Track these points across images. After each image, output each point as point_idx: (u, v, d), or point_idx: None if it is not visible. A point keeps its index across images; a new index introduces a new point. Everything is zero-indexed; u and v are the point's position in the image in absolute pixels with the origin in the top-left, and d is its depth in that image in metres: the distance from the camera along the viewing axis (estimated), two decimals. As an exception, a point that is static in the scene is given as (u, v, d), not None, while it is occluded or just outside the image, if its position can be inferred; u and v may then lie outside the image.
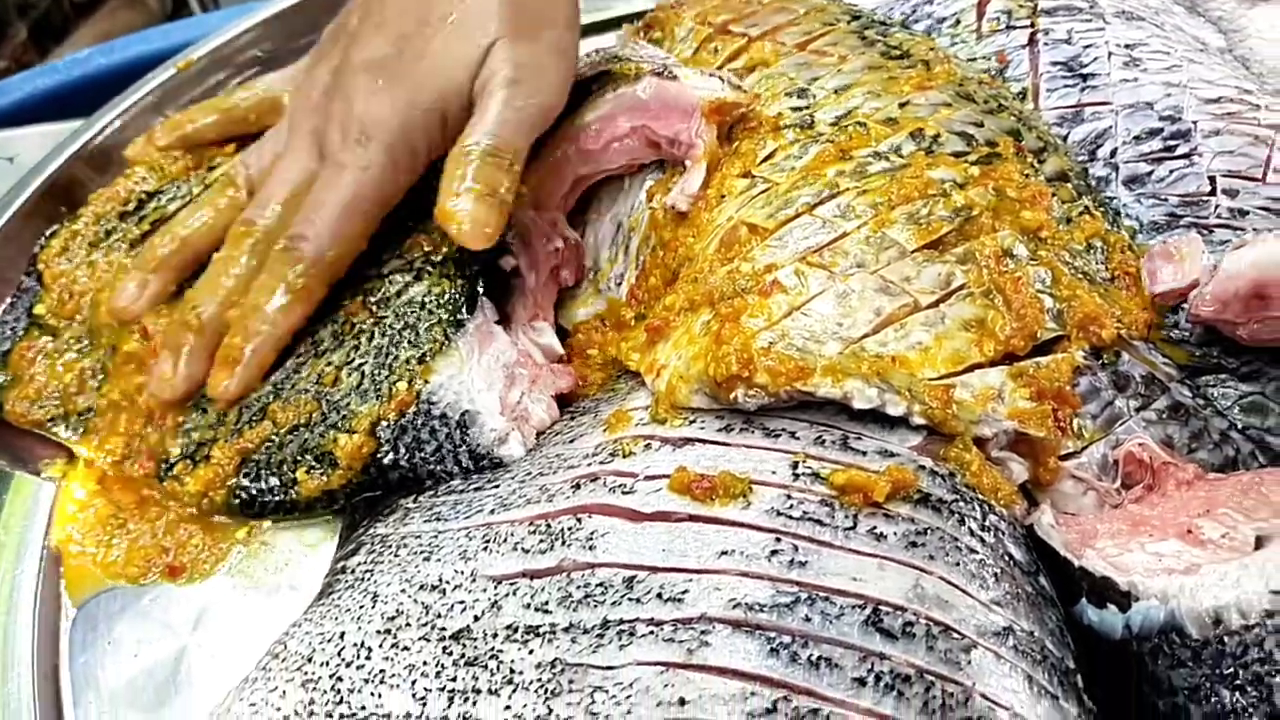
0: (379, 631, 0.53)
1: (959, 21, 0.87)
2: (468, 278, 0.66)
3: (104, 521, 0.66)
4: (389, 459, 0.61)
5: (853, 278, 0.59)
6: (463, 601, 0.53)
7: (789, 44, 0.80)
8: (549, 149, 0.72)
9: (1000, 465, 0.57)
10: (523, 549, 0.54)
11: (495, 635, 0.51)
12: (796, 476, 0.53)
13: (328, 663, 0.53)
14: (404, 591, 0.55)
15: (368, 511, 0.62)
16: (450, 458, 0.62)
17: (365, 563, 0.58)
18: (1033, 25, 0.84)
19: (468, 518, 0.58)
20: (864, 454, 0.54)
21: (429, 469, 0.62)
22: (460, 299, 0.65)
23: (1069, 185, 0.70)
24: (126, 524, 0.65)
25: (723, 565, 0.49)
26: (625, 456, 0.57)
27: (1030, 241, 0.63)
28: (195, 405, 0.66)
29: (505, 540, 0.55)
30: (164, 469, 0.64)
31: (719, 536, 0.51)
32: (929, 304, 0.59)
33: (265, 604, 0.62)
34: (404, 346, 0.64)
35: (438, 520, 0.59)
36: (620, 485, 0.55)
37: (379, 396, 0.62)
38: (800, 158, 0.69)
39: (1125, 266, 0.67)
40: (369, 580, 0.57)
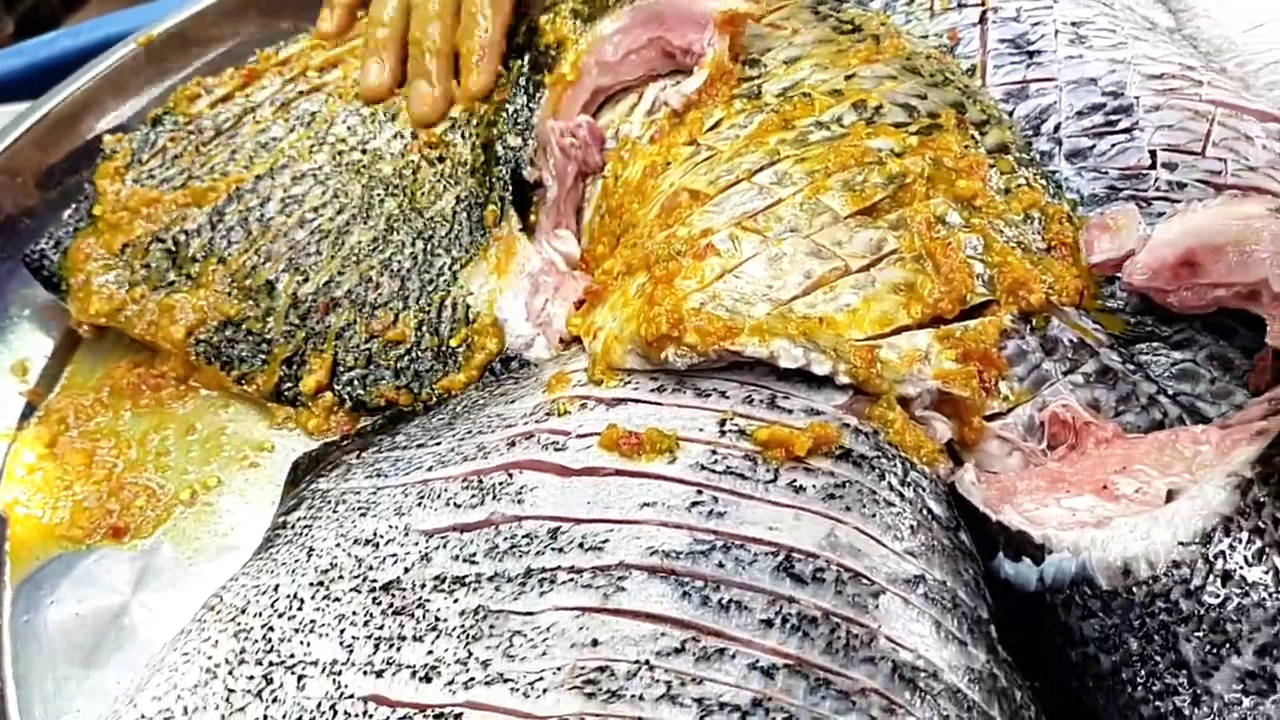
0: (312, 584, 0.54)
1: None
2: (494, 189, 0.70)
3: (51, 484, 0.67)
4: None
5: (785, 241, 0.60)
6: (394, 555, 0.54)
7: (747, 15, 0.81)
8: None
9: (925, 424, 0.58)
10: (455, 504, 0.55)
11: (423, 586, 0.52)
12: (723, 433, 0.54)
13: (260, 614, 0.54)
14: (339, 545, 0.56)
15: (311, 467, 0.63)
16: None
17: (305, 518, 0.59)
18: (984, 3, 0.85)
19: (406, 474, 0.59)
20: (790, 412, 0.55)
21: None
22: (487, 209, 0.70)
23: (1009, 157, 0.71)
24: (73, 486, 0.66)
25: (644, 516, 0.50)
26: (560, 415, 0.58)
27: (964, 209, 0.64)
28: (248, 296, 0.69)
29: (439, 496, 0.56)
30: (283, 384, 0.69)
31: (643, 489, 0.52)
32: (859, 268, 0.60)
33: (207, 562, 0.63)
34: (439, 255, 0.69)
35: (378, 476, 0.60)
36: (553, 443, 0.56)
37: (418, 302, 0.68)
38: (745, 127, 0.70)
39: (1062, 237, 0.67)
40: (306, 535, 0.58)
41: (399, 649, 0.49)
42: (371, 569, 0.54)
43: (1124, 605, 0.49)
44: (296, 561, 0.56)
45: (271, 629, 0.53)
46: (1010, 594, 0.53)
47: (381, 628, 0.51)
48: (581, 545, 0.50)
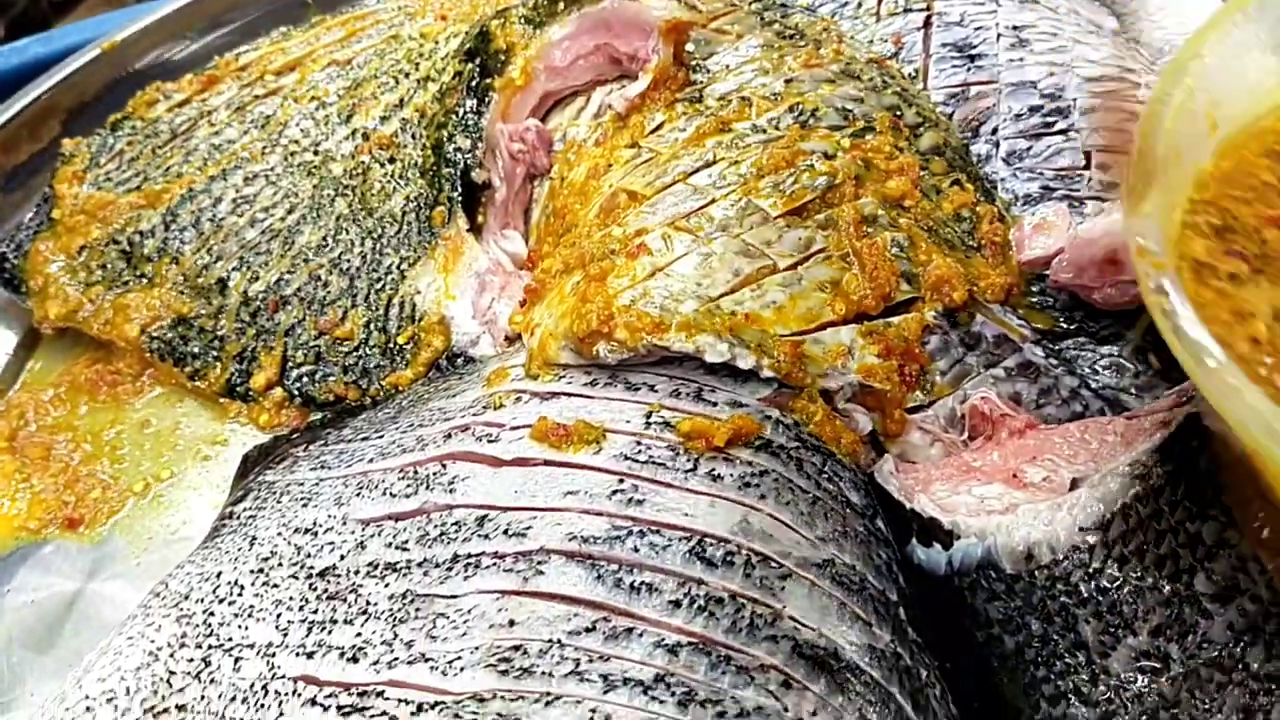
0: (252, 571, 0.56)
1: (860, 4, 0.90)
2: (443, 190, 0.72)
3: (9, 477, 0.69)
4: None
5: (715, 241, 0.62)
6: (332, 543, 0.56)
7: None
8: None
9: (848, 416, 0.60)
10: (391, 493, 0.57)
11: (357, 572, 0.54)
12: (649, 425, 0.56)
13: (203, 599, 0.55)
14: (280, 534, 0.58)
15: (260, 460, 0.65)
16: None
17: (250, 508, 0.61)
18: (929, 8, 0.87)
19: (349, 466, 0.61)
20: (715, 404, 0.57)
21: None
22: (436, 210, 0.72)
23: (942, 159, 0.73)
24: (30, 479, 0.68)
25: (567, 504, 0.52)
26: (496, 409, 0.60)
27: (892, 209, 0.66)
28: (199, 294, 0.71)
29: (377, 486, 0.58)
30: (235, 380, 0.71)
31: (568, 479, 0.54)
32: (787, 266, 0.62)
33: (158, 552, 0.64)
34: (387, 254, 0.71)
35: (322, 469, 0.62)
36: (488, 435, 0.58)
37: (367, 299, 0.70)
38: (684, 130, 0.72)
39: (993, 236, 0.69)
40: (251, 524, 0.60)
41: (330, 631, 0.51)
42: (309, 556, 0.56)
43: (1026, 588, 0.51)
44: (239, 550, 0.58)
45: (212, 614, 0.55)
46: (922, 578, 0.55)
47: (315, 612, 0.52)
48: (506, 532, 0.52)
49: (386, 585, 0.52)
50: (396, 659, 0.48)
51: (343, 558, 0.55)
